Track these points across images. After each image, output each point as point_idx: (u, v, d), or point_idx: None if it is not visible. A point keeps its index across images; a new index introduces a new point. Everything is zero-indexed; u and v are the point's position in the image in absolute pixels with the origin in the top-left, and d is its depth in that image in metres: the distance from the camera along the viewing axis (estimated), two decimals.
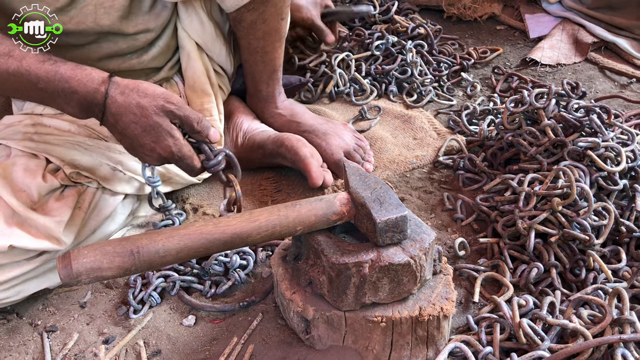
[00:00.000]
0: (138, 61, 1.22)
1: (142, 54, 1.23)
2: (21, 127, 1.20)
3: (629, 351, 0.89)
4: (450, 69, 1.87)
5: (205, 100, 1.33)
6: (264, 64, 1.41)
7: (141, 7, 1.17)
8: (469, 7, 2.23)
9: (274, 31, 1.34)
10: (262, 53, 1.37)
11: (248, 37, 1.33)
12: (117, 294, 1.17)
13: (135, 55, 1.22)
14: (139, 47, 1.21)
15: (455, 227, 1.32)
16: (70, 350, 1.06)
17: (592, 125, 1.30)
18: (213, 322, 1.10)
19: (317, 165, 1.36)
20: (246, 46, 1.36)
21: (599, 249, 1.15)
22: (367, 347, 0.96)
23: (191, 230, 0.89)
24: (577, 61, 1.95)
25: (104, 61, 1.18)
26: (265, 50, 1.37)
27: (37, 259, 1.08)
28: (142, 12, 1.17)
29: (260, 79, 1.45)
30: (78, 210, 1.14)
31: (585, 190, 1.15)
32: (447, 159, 1.50)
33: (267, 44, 1.36)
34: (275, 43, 1.37)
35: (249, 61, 1.41)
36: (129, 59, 1.21)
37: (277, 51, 1.39)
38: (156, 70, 1.29)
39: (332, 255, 0.91)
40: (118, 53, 1.19)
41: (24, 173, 1.10)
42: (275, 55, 1.40)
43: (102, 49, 1.17)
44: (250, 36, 1.33)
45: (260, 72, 1.43)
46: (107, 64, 1.18)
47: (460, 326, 1.07)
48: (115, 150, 1.22)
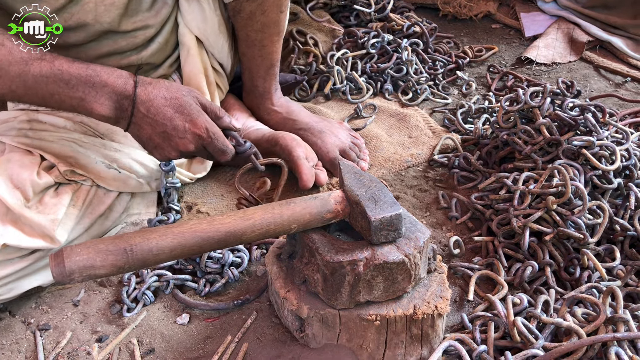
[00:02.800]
0: (137, 57, 1.22)
1: (142, 51, 1.22)
2: (16, 123, 1.20)
3: (623, 349, 0.90)
4: (445, 68, 1.87)
5: None
6: (261, 58, 1.41)
7: (141, 4, 1.16)
8: (465, 6, 2.22)
9: (272, 24, 1.34)
10: (260, 46, 1.37)
11: (246, 29, 1.33)
12: (111, 292, 1.17)
13: (135, 52, 1.21)
14: (139, 45, 1.20)
15: (450, 226, 1.32)
16: (63, 349, 1.06)
17: (587, 124, 1.31)
18: (207, 321, 1.10)
19: (309, 167, 1.36)
20: (244, 38, 1.36)
21: (593, 248, 1.15)
22: (362, 345, 0.96)
23: (185, 229, 0.88)
24: (572, 60, 1.96)
25: (103, 59, 1.17)
26: (263, 44, 1.37)
27: (30, 256, 1.08)
28: (142, 9, 1.17)
29: (257, 73, 1.45)
30: (72, 208, 1.13)
31: (579, 188, 1.15)
32: (442, 158, 1.50)
33: (265, 36, 1.36)
34: (273, 37, 1.37)
35: (247, 54, 1.40)
36: (128, 55, 1.20)
37: (275, 45, 1.39)
38: (155, 67, 1.29)
39: (327, 254, 0.91)
40: (117, 51, 1.18)
41: (18, 170, 1.09)
42: (273, 49, 1.40)
43: (102, 47, 1.16)
44: (248, 28, 1.32)
45: (257, 67, 1.43)
46: (106, 61, 1.17)
47: (454, 324, 1.07)
48: (111, 148, 1.22)
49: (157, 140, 1.07)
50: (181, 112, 1.06)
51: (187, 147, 1.08)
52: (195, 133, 1.07)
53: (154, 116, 1.04)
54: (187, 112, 1.06)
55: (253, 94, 1.50)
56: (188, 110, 1.06)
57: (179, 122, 1.05)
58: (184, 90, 1.08)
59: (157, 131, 1.06)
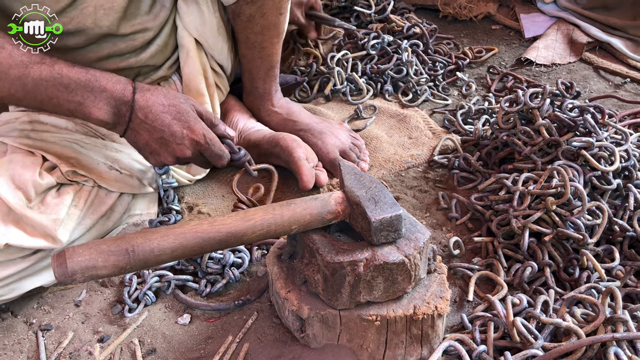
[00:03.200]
0: (136, 60, 1.22)
1: (140, 53, 1.22)
2: (18, 124, 1.20)
3: (622, 350, 0.90)
4: (445, 69, 1.88)
5: (199, 100, 1.32)
6: (261, 60, 1.41)
7: (140, 8, 1.17)
8: (465, 7, 2.23)
9: (272, 26, 1.34)
10: (260, 48, 1.37)
11: (246, 32, 1.33)
12: (112, 292, 1.17)
13: (134, 54, 1.21)
14: (138, 47, 1.21)
15: (449, 226, 1.32)
16: (65, 349, 1.06)
17: (586, 125, 1.31)
18: (208, 321, 1.11)
19: (309, 168, 1.36)
20: (244, 40, 1.36)
21: (592, 248, 1.15)
22: (362, 345, 0.96)
23: (186, 229, 0.89)
24: (571, 61, 1.96)
25: (102, 61, 1.18)
26: (263, 46, 1.37)
27: (32, 257, 1.08)
28: (141, 13, 1.17)
29: (258, 75, 1.45)
30: (74, 209, 1.14)
31: (579, 189, 1.15)
32: (442, 158, 1.51)
33: (265, 39, 1.36)
34: (273, 39, 1.37)
35: (247, 56, 1.41)
36: (127, 58, 1.21)
37: (275, 47, 1.40)
38: (154, 69, 1.29)
39: (327, 254, 0.92)
40: (117, 53, 1.18)
41: (20, 170, 1.10)
42: (273, 50, 1.40)
43: (101, 50, 1.16)
44: (248, 30, 1.33)
45: (257, 68, 1.43)
46: (105, 63, 1.18)
47: (454, 325, 1.08)
48: (112, 149, 1.22)
49: (154, 146, 1.08)
50: (179, 118, 1.07)
51: (184, 153, 1.09)
52: (193, 139, 1.08)
53: (152, 122, 1.05)
54: (184, 118, 1.07)
55: (253, 95, 1.51)
56: (186, 117, 1.08)
57: (177, 128, 1.07)
58: (182, 98, 1.09)
59: (154, 137, 1.07)
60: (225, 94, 1.47)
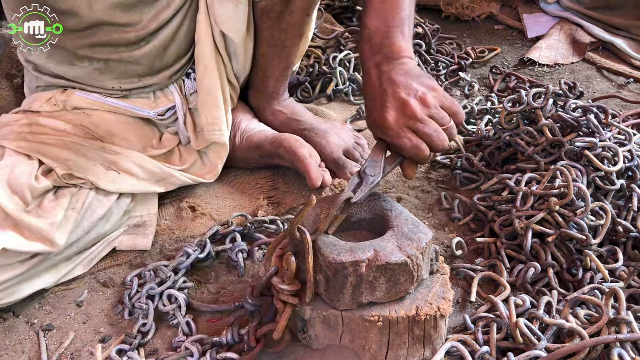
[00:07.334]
0: (129, 55, 1.22)
1: (134, 49, 1.22)
2: (16, 126, 1.20)
3: (625, 351, 0.90)
4: (448, 69, 1.87)
5: (215, 114, 1.31)
6: (279, 59, 1.41)
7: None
8: (467, 7, 2.23)
9: (297, 25, 1.34)
10: (282, 47, 1.37)
11: (272, 29, 1.33)
12: (114, 292, 1.17)
13: (127, 48, 1.21)
14: (131, 41, 1.21)
15: (452, 227, 1.32)
16: (67, 349, 1.06)
17: (590, 125, 1.30)
18: (210, 322, 1.10)
19: (316, 165, 1.36)
20: (268, 38, 1.35)
21: (595, 249, 1.15)
22: (364, 346, 0.96)
23: None
24: (574, 61, 1.96)
25: (95, 48, 1.19)
26: (285, 45, 1.37)
27: (29, 261, 1.08)
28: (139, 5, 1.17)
29: (272, 74, 1.44)
30: (71, 211, 1.13)
31: (582, 190, 1.15)
32: (445, 159, 1.50)
33: (289, 37, 1.36)
34: (295, 38, 1.38)
35: (266, 55, 1.40)
36: (122, 51, 1.21)
37: (296, 47, 1.40)
38: (149, 74, 1.29)
39: (329, 254, 0.91)
40: (110, 42, 1.19)
41: (16, 175, 1.10)
42: (293, 50, 1.40)
43: (95, 36, 1.17)
44: (274, 27, 1.33)
45: (273, 67, 1.43)
46: (99, 51, 1.19)
47: (457, 326, 1.07)
48: (110, 151, 1.22)
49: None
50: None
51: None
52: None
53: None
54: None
55: (261, 93, 1.50)
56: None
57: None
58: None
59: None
60: (235, 103, 1.45)
